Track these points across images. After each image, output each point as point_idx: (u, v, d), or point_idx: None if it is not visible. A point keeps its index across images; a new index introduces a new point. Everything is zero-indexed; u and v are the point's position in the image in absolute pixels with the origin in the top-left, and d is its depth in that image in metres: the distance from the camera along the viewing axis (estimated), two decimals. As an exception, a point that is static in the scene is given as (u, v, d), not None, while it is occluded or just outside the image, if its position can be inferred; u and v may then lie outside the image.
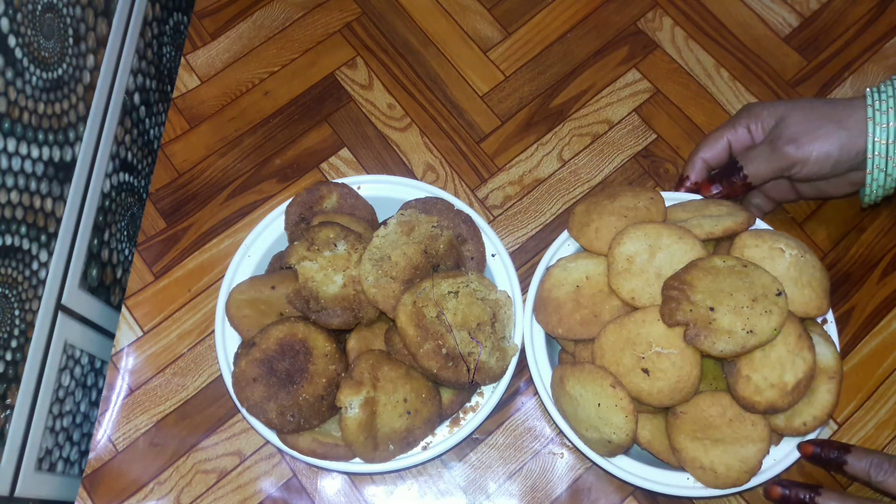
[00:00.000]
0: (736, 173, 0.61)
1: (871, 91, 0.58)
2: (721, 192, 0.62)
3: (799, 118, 0.59)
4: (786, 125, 0.59)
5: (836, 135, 0.57)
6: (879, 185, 0.59)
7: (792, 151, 0.58)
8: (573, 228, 0.60)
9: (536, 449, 0.62)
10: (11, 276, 0.55)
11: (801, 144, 0.58)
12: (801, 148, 0.58)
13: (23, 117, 0.56)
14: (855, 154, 0.57)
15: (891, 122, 0.56)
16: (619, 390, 0.52)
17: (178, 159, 0.72)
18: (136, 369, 0.65)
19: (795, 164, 0.58)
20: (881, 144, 0.57)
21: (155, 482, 0.62)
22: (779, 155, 0.59)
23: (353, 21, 0.78)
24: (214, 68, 0.76)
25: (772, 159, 0.59)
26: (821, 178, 0.60)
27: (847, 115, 0.58)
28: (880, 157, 0.57)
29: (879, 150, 0.57)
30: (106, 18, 0.69)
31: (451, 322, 0.55)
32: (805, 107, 0.60)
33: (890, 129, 0.56)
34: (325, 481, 0.61)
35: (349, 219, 0.61)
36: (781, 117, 0.60)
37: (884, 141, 0.57)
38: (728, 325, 0.51)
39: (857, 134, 0.57)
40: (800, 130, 0.58)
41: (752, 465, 0.53)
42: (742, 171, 0.60)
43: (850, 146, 0.57)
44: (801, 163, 0.58)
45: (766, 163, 0.60)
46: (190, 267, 0.68)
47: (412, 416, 0.55)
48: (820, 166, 0.58)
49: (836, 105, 0.59)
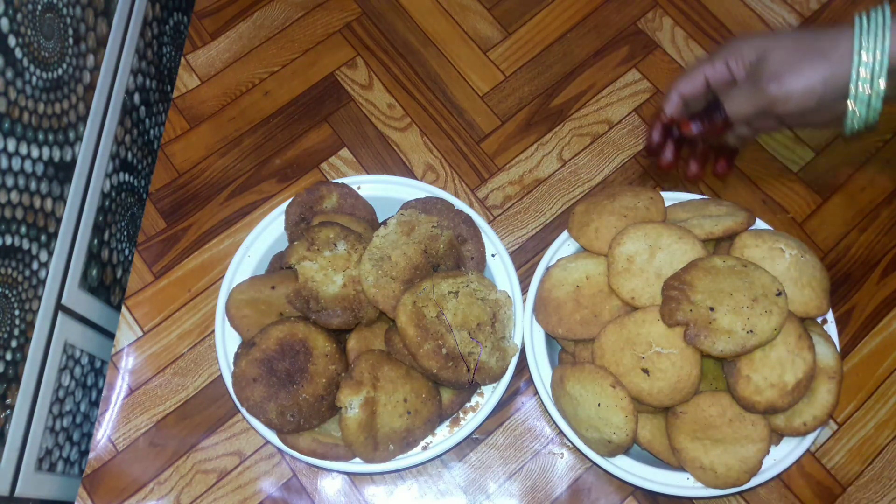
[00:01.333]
0: (717, 111, 0.58)
1: (859, 18, 0.55)
2: (701, 130, 0.59)
3: (781, 53, 0.56)
4: (768, 61, 0.56)
5: (820, 68, 0.54)
6: (861, 118, 0.56)
7: (774, 89, 0.55)
8: (573, 228, 0.60)
9: (536, 449, 0.62)
10: (11, 276, 0.55)
11: (783, 81, 0.55)
12: (783, 84, 0.55)
13: (23, 117, 0.56)
14: (842, 87, 0.55)
15: (877, 53, 0.53)
16: (619, 390, 0.52)
17: (178, 159, 0.72)
18: (136, 369, 0.65)
19: (777, 101, 0.55)
20: (865, 78, 0.54)
21: (155, 482, 0.62)
22: (761, 93, 0.56)
23: (353, 21, 0.78)
24: (214, 68, 0.76)
25: (754, 97, 0.57)
26: (805, 113, 0.57)
27: (832, 46, 0.55)
28: (864, 91, 0.54)
29: (863, 84, 0.54)
30: (106, 18, 0.69)
31: (451, 322, 0.55)
32: (788, 40, 0.57)
33: (875, 62, 0.53)
34: (325, 481, 0.61)
35: (349, 219, 0.61)
36: (763, 52, 0.57)
37: (868, 74, 0.54)
38: (728, 325, 0.51)
39: (842, 66, 0.54)
40: (782, 66, 0.55)
41: (752, 465, 0.53)
42: (723, 109, 0.58)
43: (836, 80, 0.54)
44: (783, 100, 0.55)
45: (747, 101, 0.57)
46: (190, 267, 0.68)
47: (412, 416, 0.55)
48: (804, 102, 0.55)
49: (821, 36, 0.56)
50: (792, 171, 0.70)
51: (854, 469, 0.61)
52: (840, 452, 0.62)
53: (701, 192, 0.69)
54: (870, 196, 0.69)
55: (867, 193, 0.70)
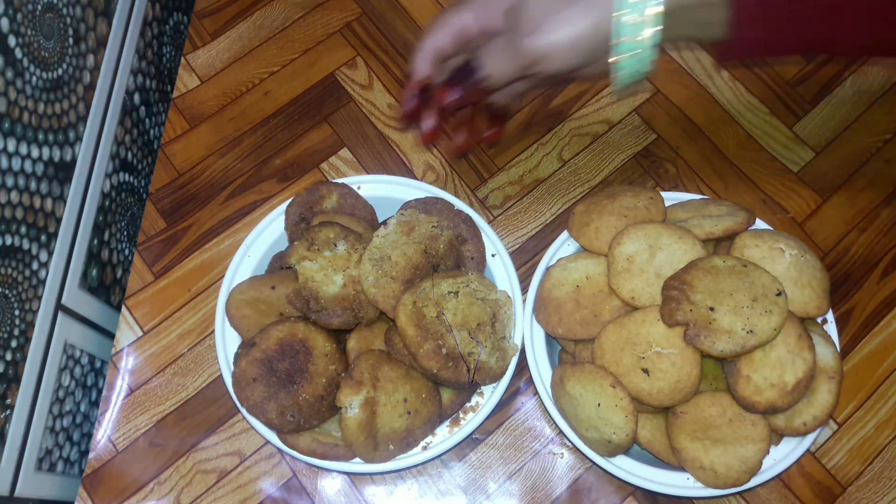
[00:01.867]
0: (474, 73, 0.50)
1: None
2: (461, 98, 0.51)
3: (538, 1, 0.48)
4: (524, 10, 0.48)
5: (583, 16, 0.47)
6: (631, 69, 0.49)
7: (533, 43, 0.47)
8: (573, 228, 0.60)
9: (536, 449, 0.62)
10: (11, 276, 0.55)
11: (542, 32, 0.47)
12: (542, 37, 0.47)
13: (23, 117, 0.56)
14: (605, 37, 0.48)
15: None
16: (619, 390, 0.52)
17: (178, 159, 0.72)
18: (136, 369, 0.65)
19: (539, 59, 0.48)
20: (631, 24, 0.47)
21: (155, 482, 0.62)
22: (518, 49, 0.48)
23: (353, 21, 0.78)
24: (214, 68, 0.76)
25: (511, 55, 0.49)
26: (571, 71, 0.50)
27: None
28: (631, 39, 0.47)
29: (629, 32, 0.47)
30: (106, 18, 0.69)
31: (451, 322, 0.55)
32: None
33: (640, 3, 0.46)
34: (325, 481, 0.61)
35: (349, 219, 0.61)
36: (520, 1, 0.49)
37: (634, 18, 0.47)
38: (728, 325, 0.51)
39: (605, 13, 0.47)
40: (541, 14, 0.47)
41: (752, 465, 0.53)
42: (480, 71, 0.50)
43: (599, 31, 0.47)
44: (545, 57, 0.48)
45: (505, 60, 0.49)
46: (190, 267, 0.68)
47: (412, 416, 0.55)
48: (568, 59, 0.48)
49: None
50: (792, 171, 0.70)
51: (854, 469, 0.61)
52: (840, 452, 0.62)
53: (700, 192, 0.69)
54: (870, 196, 0.69)
55: (867, 193, 0.69)
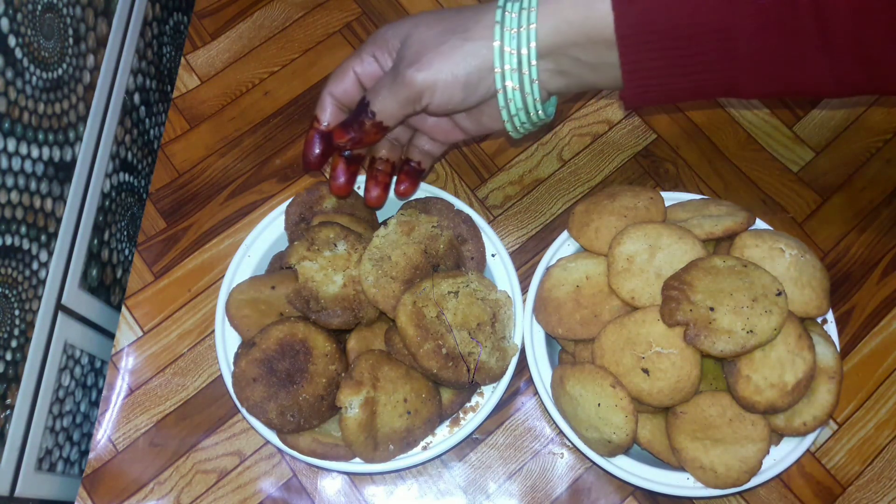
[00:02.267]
0: (364, 112, 0.50)
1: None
2: (353, 138, 0.50)
3: (422, 34, 0.48)
4: (408, 44, 0.48)
5: (461, 49, 0.46)
6: (518, 107, 0.48)
7: (414, 75, 0.47)
8: (573, 228, 0.60)
9: (536, 449, 0.62)
10: (11, 276, 0.55)
11: (423, 65, 0.46)
12: (423, 69, 0.46)
13: (23, 117, 0.56)
14: (488, 71, 0.46)
15: (523, 24, 0.45)
16: (619, 390, 0.52)
17: (178, 159, 0.72)
18: (136, 369, 0.65)
19: (422, 91, 0.47)
20: (511, 54, 0.45)
21: (155, 482, 0.62)
22: (401, 82, 0.47)
23: (353, 21, 0.78)
24: (214, 68, 0.76)
25: (396, 89, 0.48)
26: (457, 108, 0.49)
27: (474, 21, 0.46)
28: (512, 71, 0.46)
29: (510, 62, 0.45)
30: (106, 18, 0.69)
31: (451, 322, 0.55)
32: (430, 19, 0.48)
33: (521, 34, 0.45)
34: (325, 481, 0.62)
35: (349, 219, 0.61)
36: (406, 36, 0.49)
37: (513, 49, 0.45)
38: (728, 325, 0.51)
39: (484, 45, 0.46)
40: (422, 47, 0.47)
41: (752, 465, 0.53)
42: (369, 109, 0.49)
43: (479, 62, 0.46)
44: (428, 89, 0.47)
45: (391, 95, 0.48)
46: (190, 267, 0.68)
47: (412, 416, 0.55)
48: (450, 93, 0.47)
49: (464, 12, 0.48)
50: (792, 171, 0.70)
51: (854, 469, 0.61)
52: (840, 452, 0.62)
53: (700, 192, 0.69)
54: (870, 196, 0.69)
55: (867, 193, 0.70)
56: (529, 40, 0.45)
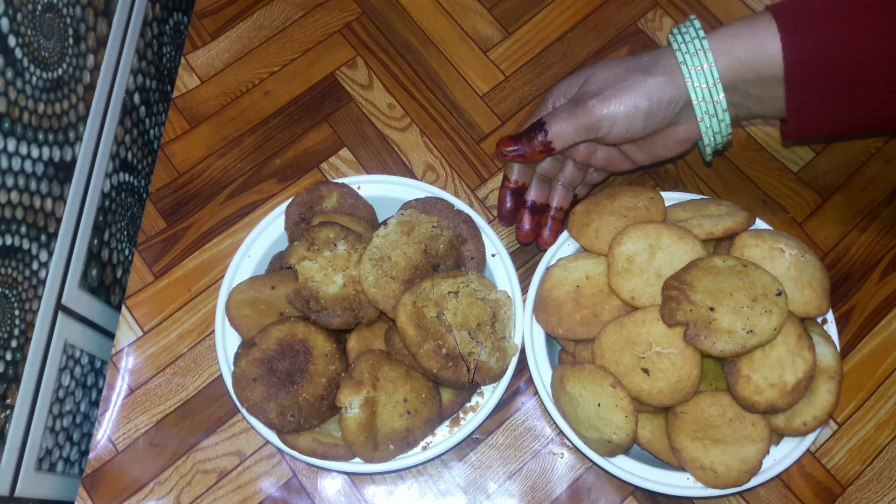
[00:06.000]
0: (538, 130, 0.55)
1: (672, 35, 0.54)
2: (517, 150, 0.56)
3: (604, 73, 0.54)
4: (590, 83, 0.55)
5: (643, 84, 0.52)
6: (715, 131, 0.55)
7: (597, 106, 0.53)
8: (573, 228, 0.60)
9: (536, 449, 0.62)
10: (11, 276, 0.56)
11: (605, 98, 0.53)
12: (605, 102, 0.53)
13: (23, 117, 0.56)
14: (667, 103, 0.53)
15: (703, 63, 0.52)
16: (619, 390, 0.52)
17: (178, 159, 0.72)
18: (136, 369, 0.65)
19: (602, 120, 0.53)
20: (702, 89, 0.52)
21: (155, 482, 0.62)
22: (583, 111, 0.53)
23: (353, 21, 0.78)
24: (214, 68, 0.76)
25: (576, 117, 0.54)
26: (635, 136, 0.55)
27: (653, 63, 0.53)
28: (706, 102, 0.53)
29: (702, 95, 0.53)
30: (106, 18, 0.69)
31: (451, 322, 0.55)
32: (610, 63, 0.56)
33: (706, 71, 0.52)
34: (325, 481, 0.62)
35: (349, 219, 0.61)
36: (586, 78, 0.56)
37: (703, 84, 0.52)
38: (728, 325, 0.51)
39: (666, 81, 0.53)
40: (604, 84, 0.53)
41: (752, 465, 0.53)
42: (544, 129, 0.55)
43: (661, 95, 0.53)
44: (608, 119, 0.53)
45: (569, 121, 0.54)
46: (190, 267, 0.68)
47: (412, 416, 0.55)
48: (630, 122, 0.53)
49: (641, 57, 0.55)
50: (792, 171, 0.70)
51: (854, 469, 0.61)
52: (840, 452, 0.62)
53: (700, 192, 0.69)
54: (870, 196, 0.69)
55: (867, 193, 0.70)
56: (714, 76, 0.52)
